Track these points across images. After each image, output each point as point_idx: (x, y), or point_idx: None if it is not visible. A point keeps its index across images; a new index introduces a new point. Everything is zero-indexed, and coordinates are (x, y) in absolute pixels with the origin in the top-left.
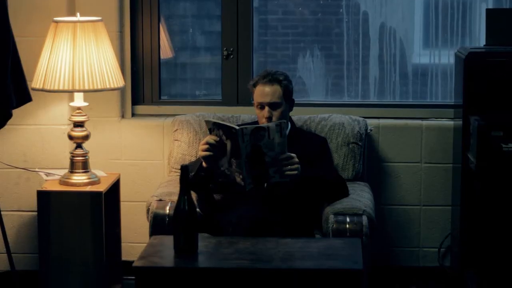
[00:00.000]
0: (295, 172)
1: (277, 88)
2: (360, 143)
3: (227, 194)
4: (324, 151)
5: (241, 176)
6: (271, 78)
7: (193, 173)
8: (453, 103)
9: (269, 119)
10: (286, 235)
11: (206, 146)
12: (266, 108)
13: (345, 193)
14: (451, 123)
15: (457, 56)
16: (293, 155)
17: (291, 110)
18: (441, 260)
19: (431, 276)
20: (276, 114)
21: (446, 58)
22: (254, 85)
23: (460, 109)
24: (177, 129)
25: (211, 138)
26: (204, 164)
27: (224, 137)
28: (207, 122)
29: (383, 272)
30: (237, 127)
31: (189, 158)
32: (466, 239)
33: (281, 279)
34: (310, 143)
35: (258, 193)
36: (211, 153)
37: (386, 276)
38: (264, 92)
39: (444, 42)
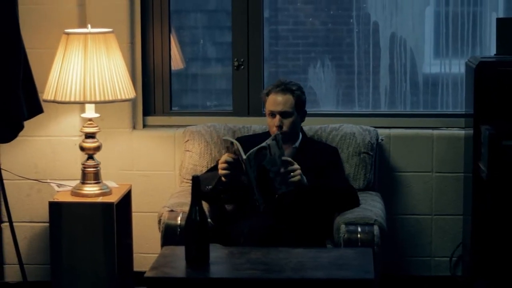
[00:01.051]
0: (298, 177)
1: (289, 98)
2: (371, 153)
3: (240, 205)
4: (335, 161)
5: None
6: (284, 87)
7: (211, 187)
8: (464, 113)
9: (280, 127)
10: (297, 245)
11: (225, 165)
12: (277, 117)
13: (356, 203)
14: (462, 132)
15: (467, 66)
16: (290, 159)
17: (302, 121)
18: (453, 270)
19: (442, 286)
20: (286, 123)
21: (457, 67)
22: (267, 94)
23: (471, 118)
24: (188, 140)
25: (229, 156)
26: (223, 179)
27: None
28: (225, 140)
29: (394, 281)
30: (244, 157)
31: (200, 169)
32: (478, 248)
33: None
34: (321, 153)
35: (269, 205)
36: (229, 171)
37: (398, 285)
38: (276, 100)
39: (455, 52)
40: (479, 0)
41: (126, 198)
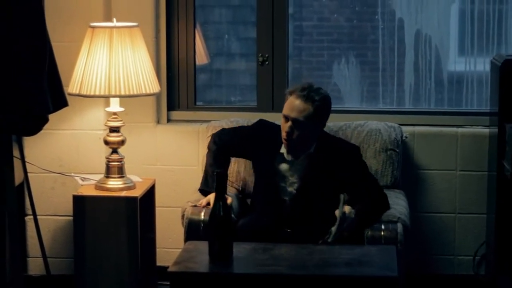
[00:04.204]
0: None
1: (307, 108)
2: (397, 150)
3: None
4: (357, 164)
5: None
6: (307, 94)
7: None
8: (488, 111)
9: (289, 134)
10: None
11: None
12: (289, 123)
13: (387, 208)
14: (486, 130)
15: (492, 64)
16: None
17: (318, 131)
18: (476, 268)
19: (465, 284)
20: (296, 133)
21: (482, 65)
22: (290, 93)
23: (495, 116)
24: (211, 135)
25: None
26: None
27: None
28: None
29: (417, 279)
30: None
31: None
32: (501, 247)
33: (316, 285)
34: (340, 154)
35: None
36: None
37: (421, 284)
38: (293, 105)
39: (480, 50)
40: None
41: (150, 193)
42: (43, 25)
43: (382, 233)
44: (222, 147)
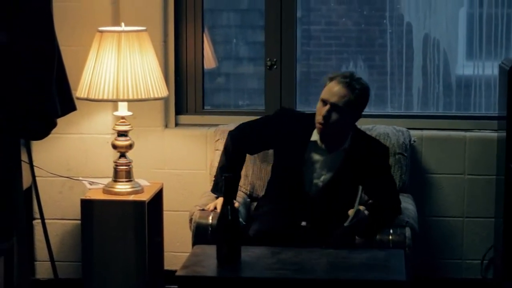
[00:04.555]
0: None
1: (348, 94)
2: (405, 154)
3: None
4: (386, 166)
5: None
6: (349, 81)
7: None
8: (496, 115)
9: (326, 118)
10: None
11: None
12: (327, 107)
13: (399, 214)
14: (494, 134)
15: (501, 68)
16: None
17: (353, 123)
18: (484, 272)
19: None
20: (334, 118)
21: (490, 69)
22: (330, 79)
23: (504, 120)
24: (218, 139)
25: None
26: None
27: None
28: None
29: (425, 283)
30: None
31: None
32: (509, 251)
33: None
34: (372, 153)
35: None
36: None
37: (429, 287)
38: (333, 90)
39: (488, 54)
40: None
41: (158, 197)
42: (51, 27)
43: (390, 237)
44: (240, 145)
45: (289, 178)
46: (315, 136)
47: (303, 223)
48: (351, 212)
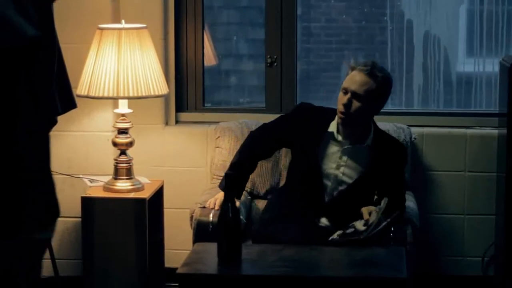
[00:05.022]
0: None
1: (369, 82)
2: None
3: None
4: (403, 167)
5: None
6: (370, 69)
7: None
8: (497, 112)
9: (347, 107)
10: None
11: None
12: (348, 95)
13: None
14: (495, 131)
15: (501, 65)
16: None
17: (374, 114)
18: (485, 270)
19: (474, 286)
20: (354, 106)
21: (491, 66)
22: (352, 69)
23: (504, 117)
24: (219, 136)
25: None
26: None
27: None
28: None
29: (427, 281)
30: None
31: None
32: (510, 248)
33: (325, 287)
34: (393, 151)
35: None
36: None
37: (430, 285)
38: (354, 78)
39: (489, 51)
40: None
41: (158, 194)
42: (52, 26)
43: (391, 234)
44: (255, 148)
45: (307, 171)
46: (332, 127)
47: (323, 222)
48: (367, 215)
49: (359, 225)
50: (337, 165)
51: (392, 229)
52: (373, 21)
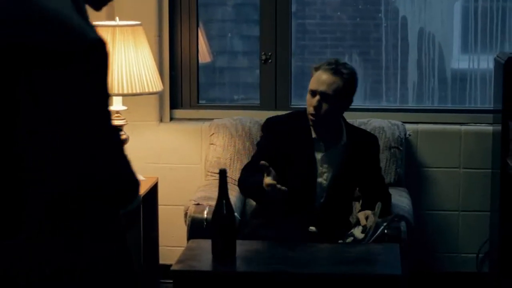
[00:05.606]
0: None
1: (336, 80)
2: (401, 148)
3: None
4: (377, 156)
5: None
6: (335, 67)
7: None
8: (492, 108)
9: (317, 109)
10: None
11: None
12: (317, 97)
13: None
14: (490, 128)
15: (496, 61)
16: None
17: (344, 110)
18: (480, 266)
19: (469, 282)
20: (325, 107)
21: (485, 63)
22: (316, 69)
23: (499, 114)
24: (213, 133)
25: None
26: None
27: None
28: None
29: (421, 277)
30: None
31: (223, 161)
32: (505, 245)
33: (320, 283)
34: (365, 145)
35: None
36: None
37: (425, 281)
38: (321, 79)
39: (483, 47)
40: None
41: (153, 191)
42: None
43: (386, 231)
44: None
45: (301, 183)
46: (313, 133)
47: (311, 228)
48: (364, 221)
49: (357, 232)
50: (320, 172)
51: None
52: (368, 18)
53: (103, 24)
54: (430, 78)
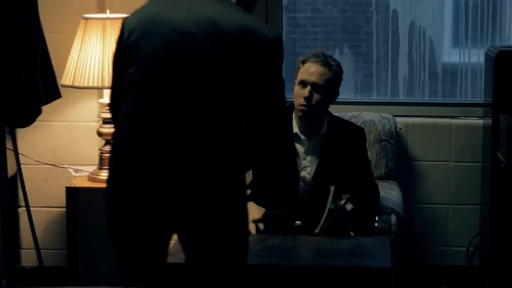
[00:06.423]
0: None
1: (326, 72)
2: (391, 141)
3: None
4: (362, 147)
5: None
6: (324, 59)
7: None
8: (482, 102)
9: (308, 99)
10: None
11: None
12: (308, 88)
13: (379, 198)
14: (480, 121)
15: (487, 55)
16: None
17: (332, 102)
18: (470, 260)
19: (459, 276)
20: (316, 97)
21: (476, 57)
22: (303, 62)
23: (489, 107)
24: None
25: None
26: None
27: None
28: None
29: (411, 271)
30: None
31: None
32: (495, 238)
33: (310, 276)
34: (349, 136)
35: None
36: None
37: (415, 275)
38: (310, 70)
39: (474, 41)
40: None
41: None
42: (36, 16)
43: (376, 224)
44: None
45: (284, 178)
46: (295, 128)
47: (297, 223)
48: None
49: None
50: (303, 166)
51: (377, 218)
52: (359, 12)
53: (94, 17)
54: (420, 72)
